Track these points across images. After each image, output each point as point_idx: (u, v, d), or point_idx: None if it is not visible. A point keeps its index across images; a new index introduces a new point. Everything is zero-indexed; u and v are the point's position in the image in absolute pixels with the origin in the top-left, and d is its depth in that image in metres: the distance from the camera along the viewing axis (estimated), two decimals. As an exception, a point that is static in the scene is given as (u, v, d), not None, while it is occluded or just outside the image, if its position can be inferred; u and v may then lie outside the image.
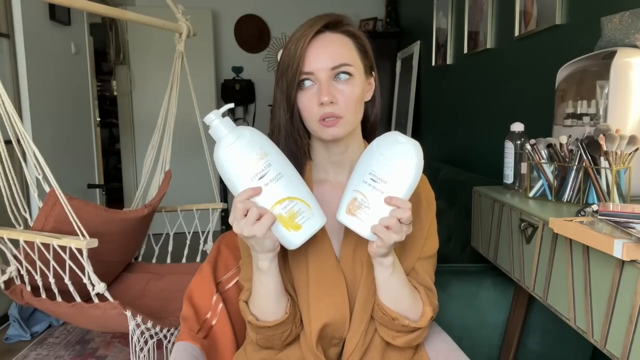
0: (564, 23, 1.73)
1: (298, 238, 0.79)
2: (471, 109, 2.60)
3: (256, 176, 0.76)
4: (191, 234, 2.40)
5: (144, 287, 2.23)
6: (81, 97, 3.36)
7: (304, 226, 0.78)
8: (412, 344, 0.92)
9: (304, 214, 0.78)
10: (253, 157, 0.77)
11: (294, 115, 0.87)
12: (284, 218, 0.78)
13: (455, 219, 2.02)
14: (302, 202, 0.78)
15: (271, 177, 0.77)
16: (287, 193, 0.78)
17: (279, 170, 0.78)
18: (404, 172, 0.78)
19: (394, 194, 0.77)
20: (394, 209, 0.76)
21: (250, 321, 0.88)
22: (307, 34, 0.84)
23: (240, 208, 0.76)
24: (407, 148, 0.79)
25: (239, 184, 0.77)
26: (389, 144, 0.81)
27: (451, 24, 2.87)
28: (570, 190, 1.14)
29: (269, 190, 0.77)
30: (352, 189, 0.82)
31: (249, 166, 0.76)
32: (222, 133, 0.78)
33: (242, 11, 4.65)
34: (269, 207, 0.77)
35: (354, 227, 0.81)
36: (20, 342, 2.37)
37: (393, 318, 0.86)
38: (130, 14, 2.25)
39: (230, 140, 0.77)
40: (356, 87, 0.86)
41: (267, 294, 0.86)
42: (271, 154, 0.78)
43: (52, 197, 1.66)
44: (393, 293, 0.87)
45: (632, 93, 1.11)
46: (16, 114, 1.65)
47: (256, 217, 0.76)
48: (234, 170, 0.77)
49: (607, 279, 0.84)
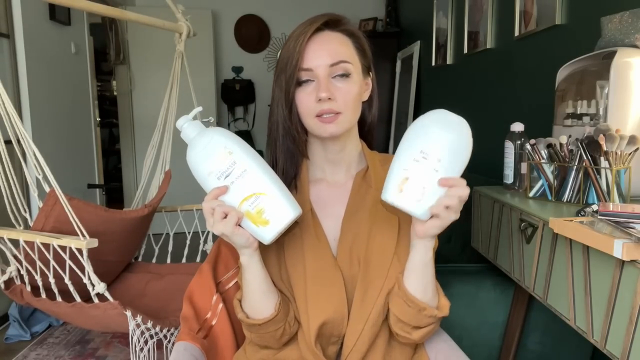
0: (564, 23, 1.73)
1: (268, 233, 0.79)
2: (471, 109, 2.60)
3: (222, 175, 0.78)
4: (191, 234, 2.40)
5: (144, 287, 2.23)
6: (81, 97, 3.36)
7: (271, 221, 0.79)
8: (426, 338, 0.92)
9: (272, 209, 0.78)
10: (218, 156, 0.78)
11: (292, 112, 0.88)
12: (252, 214, 0.78)
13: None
14: (269, 198, 0.78)
15: (236, 175, 0.78)
16: (253, 189, 0.78)
17: (244, 167, 0.78)
18: (458, 149, 0.76)
19: (447, 171, 0.75)
20: (452, 187, 0.75)
21: (242, 319, 0.89)
22: (306, 32, 0.85)
23: (206, 208, 0.78)
24: (460, 126, 0.77)
25: (208, 184, 0.79)
26: (440, 121, 0.79)
27: (451, 24, 2.87)
28: (570, 190, 1.14)
29: (235, 188, 0.78)
30: (402, 167, 0.77)
31: (215, 166, 0.78)
32: (189, 136, 0.80)
33: (242, 11, 4.65)
34: (237, 204, 0.78)
35: (407, 206, 0.77)
36: (20, 342, 2.36)
37: (421, 309, 0.85)
38: (130, 14, 2.25)
39: (196, 143, 0.79)
40: (354, 85, 0.87)
41: (252, 290, 0.86)
42: (235, 152, 0.78)
43: (52, 197, 1.66)
44: (426, 278, 0.85)
45: (632, 93, 1.11)
46: (16, 114, 1.65)
47: (221, 216, 0.77)
48: (202, 172, 0.79)
49: (607, 279, 0.84)
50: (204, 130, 0.81)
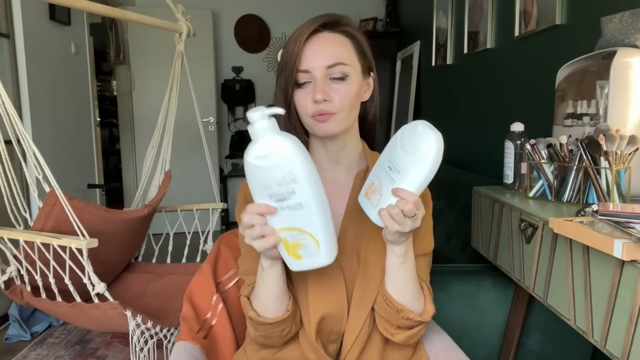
0: (564, 23, 1.72)
1: (295, 265, 0.79)
2: (471, 109, 2.60)
3: (277, 197, 0.74)
4: (191, 234, 2.40)
5: (144, 287, 2.23)
6: (81, 97, 3.36)
7: (304, 259, 0.78)
8: (409, 342, 0.92)
9: (309, 249, 0.76)
10: (280, 179, 0.72)
11: (292, 112, 0.89)
12: (288, 244, 0.77)
13: (455, 219, 2.02)
14: (312, 238, 0.76)
15: (290, 205, 0.74)
16: (300, 225, 0.75)
17: (300, 201, 0.73)
18: (421, 163, 0.76)
19: (405, 184, 0.76)
20: (400, 199, 0.76)
21: (252, 317, 0.88)
22: (304, 33, 0.86)
23: (246, 220, 0.76)
24: (426, 139, 0.76)
25: (258, 195, 0.75)
26: (409, 134, 0.79)
27: (451, 24, 2.87)
28: (570, 190, 1.14)
29: (284, 215, 0.75)
30: (374, 174, 0.84)
31: (272, 186, 0.73)
32: (259, 135, 0.72)
33: (242, 11, 4.65)
34: (278, 227, 0.76)
35: (366, 210, 0.83)
36: (20, 342, 2.37)
37: (398, 310, 0.86)
38: (130, 14, 2.25)
39: (263, 148, 0.71)
40: (352, 86, 0.87)
41: (268, 290, 0.86)
42: (299, 182, 0.72)
43: (52, 197, 1.66)
44: (399, 283, 0.87)
45: (632, 93, 1.11)
46: (16, 114, 1.65)
47: (259, 236, 0.76)
48: (258, 182, 0.74)
49: (607, 279, 0.84)
50: (277, 136, 0.72)
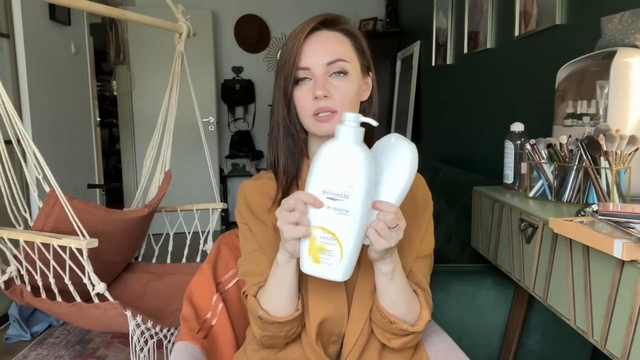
0: (564, 23, 1.73)
1: (308, 268, 0.77)
2: (471, 109, 2.60)
3: (329, 194, 0.74)
4: (191, 234, 2.40)
5: (144, 287, 2.23)
6: (81, 97, 3.36)
7: (321, 265, 0.76)
8: (406, 346, 0.92)
9: (330, 258, 0.75)
10: (340, 180, 0.73)
11: (291, 111, 0.89)
12: (315, 243, 0.75)
13: (455, 219, 2.02)
14: (339, 248, 0.75)
15: (337, 207, 0.73)
16: (336, 230, 0.74)
17: (348, 208, 0.73)
18: (395, 175, 0.76)
19: (384, 197, 0.76)
20: (380, 211, 0.75)
21: (261, 316, 0.86)
22: (304, 31, 0.86)
23: (290, 203, 0.74)
24: (400, 150, 0.77)
25: (312, 185, 0.75)
26: (383, 147, 0.79)
27: (451, 24, 2.87)
28: (570, 190, 1.14)
29: (326, 213, 0.74)
30: None
31: (331, 183, 0.73)
32: (345, 137, 0.74)
33: (242, 11, 4.65)
34: (314, 224, 0.75)
35: None
36: (20, 342, 2.37)
37: (391, 322, 0.86)
38: (130, 14, 2.25)
39: (343, 148, 0.74)
40: (352, 84, 0.87)
41: (282, 288, 0.85)
42: (355, 189, 0.73)
43: (52, 197, 1.66)
44: (391, 298, 0.86)
45: (632, 93, 1.11)
46: (16, 114, 1.65)
47: (294, 221, 0.74)
48: (318, 174, 0.74)
49: (607, 279, 0.84)
50: (359, 144, 0.74)
